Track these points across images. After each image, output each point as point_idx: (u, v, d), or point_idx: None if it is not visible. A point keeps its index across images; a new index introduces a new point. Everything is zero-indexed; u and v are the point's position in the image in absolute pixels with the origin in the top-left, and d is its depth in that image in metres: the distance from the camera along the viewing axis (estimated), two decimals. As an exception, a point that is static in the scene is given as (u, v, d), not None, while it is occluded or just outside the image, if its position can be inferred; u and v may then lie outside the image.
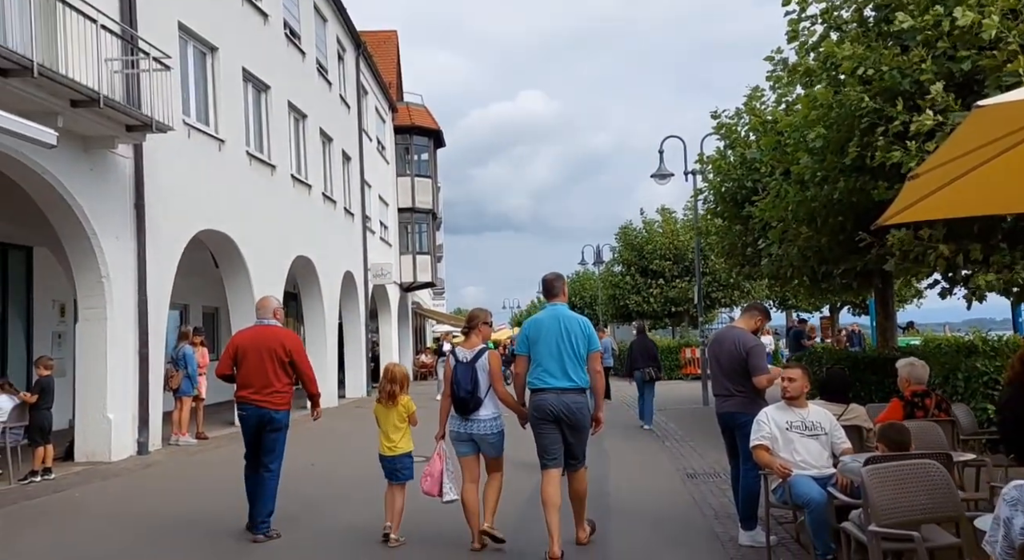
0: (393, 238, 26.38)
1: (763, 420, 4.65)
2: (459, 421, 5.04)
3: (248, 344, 5.61)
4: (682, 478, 7.98)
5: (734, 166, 13.24)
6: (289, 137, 15.32)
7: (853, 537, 3.60)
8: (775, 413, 4.69)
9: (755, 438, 4.62)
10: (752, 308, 5.45)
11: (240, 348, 5.60)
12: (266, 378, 5.51)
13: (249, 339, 5.66)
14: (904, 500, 3.06)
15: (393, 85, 27.96)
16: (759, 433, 4.61)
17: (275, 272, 14.13)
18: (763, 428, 4.62)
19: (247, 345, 5.61)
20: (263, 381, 5.50)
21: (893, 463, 3.22)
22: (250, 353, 5.55)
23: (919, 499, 3.06)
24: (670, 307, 32.20)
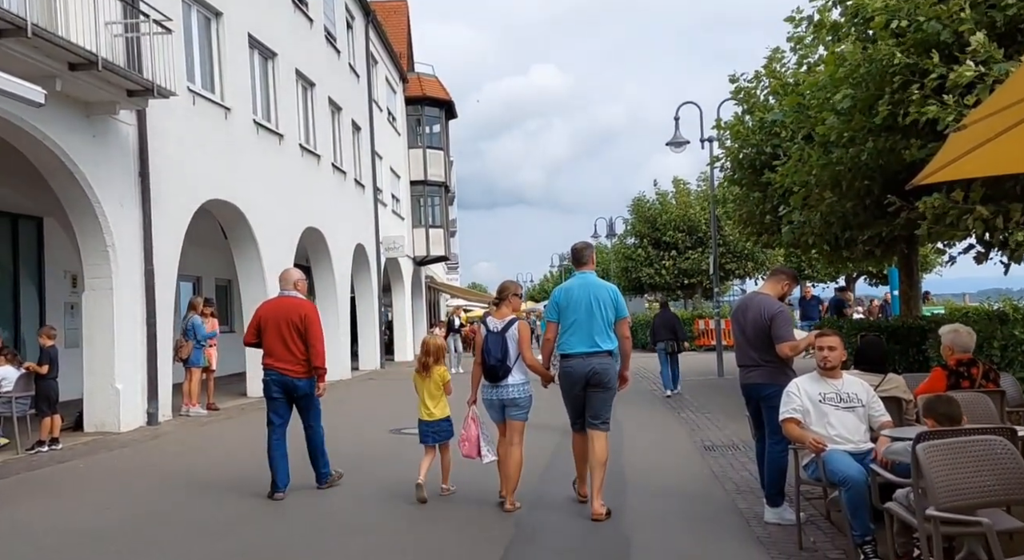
0: (405, 211, 25.98)
1: (794, 392, 4.27)
2: (490, 388, 5.16)
3: (269, 315, 5.81)
4: (700, 451, 7.65)
5: (753, 131, 12.67)
6: (297, 106, 14.89)
7: (898, 519, 3.24)
8: (807, 384, 4.30)
9: (785, 411, 4.25)
10: (779, 272, 5.04)
11: (263, 319, 5.83)
12: (286, 348, 5.69)
13: (271, 310, 5.86)
14: (966, 481, 2.69)
15: (403, 55, 27.32)
16: (789, 405, 4.24)
17: (284, 243, 13.82)
18: (794, 400, 4.24)
19: (268, 316, 5.81)
20: (283, 351, 5.69)
21: (951, 440, 2.83)
22: (271, 324, 5.75)
23: (983, 479, 2.69)
24: (683, 279, 31.72)
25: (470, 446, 5.32)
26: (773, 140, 12.36)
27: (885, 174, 8.79)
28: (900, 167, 8.43)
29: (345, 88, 18.27)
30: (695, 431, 8.91)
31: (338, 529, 5.01)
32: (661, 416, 10.26)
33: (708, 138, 15.67)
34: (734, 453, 7.40)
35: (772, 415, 4.74)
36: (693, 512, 5.25)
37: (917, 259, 12.43)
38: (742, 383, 4.99)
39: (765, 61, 12.95)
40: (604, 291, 5.05)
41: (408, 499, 5.63)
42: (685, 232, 31.39)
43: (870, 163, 8.43)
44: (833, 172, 9.03)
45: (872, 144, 7.90)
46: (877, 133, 8.01)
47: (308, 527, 5.05)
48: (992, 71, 6.34)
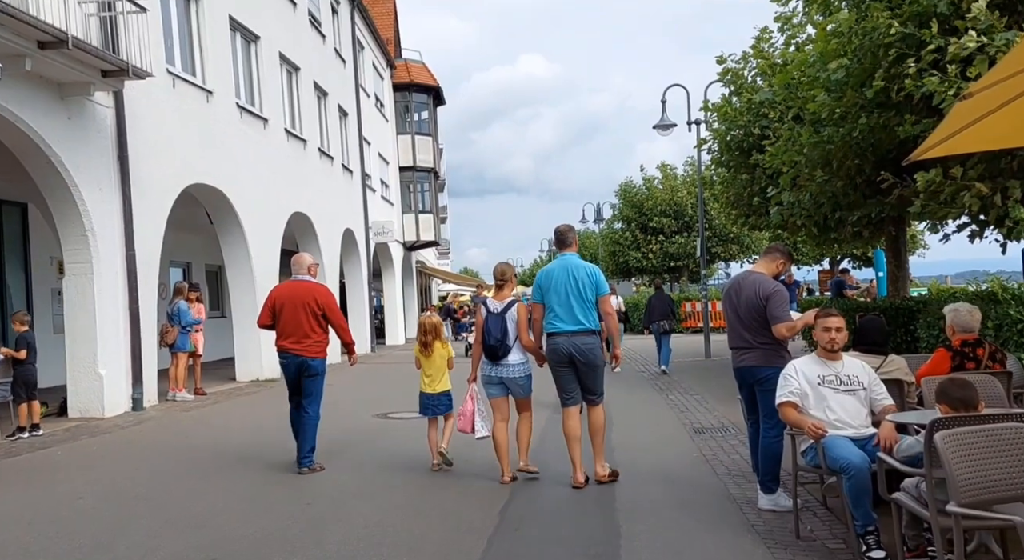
0: (395, 197, 25.52)
1: (791, 374, 3.98)
2: (490, 366, 5.25)
3: (285, 298, 5.88)
4: (689, 433, 7.39)
5: (740, 112, 12.35)
6: (281, 90, 14.40)
7: (907, 510, 2.96)
8: (806, 366, 4.01)
9: (782, 394, 3.97)
10: (773, 250, 4.73)
11: (277, 301, 5.89)
12: (301, 329, 5.78)
13: (286, 293, 5.93)
14: (990, 473, 2.41)
15: (391, 42, 26.70)
16: (787, 388, 3.95)
17: (271, 228, 13.41)
18: (791, 383, 3.95)
19: (284, 299, 5.88)
20: (299, 332, 5.78)
21: (972, 428, 2.54)
22: (287, 306, 5.82)
23: (1008, 471, 2.40)
24: (669, 262, 31.52)
25: (465, 420, 5.46)
26: (761, 121, 12.04)
27: (876, 152, 8.50)
28: (893, 144, 8.14)
29: (331, 73, 17.76)
30: (684, 413, 8.66)
31: (318, 518, 4.70)
32: (649, 398, 10.01)
33: (695, 120, 15.32)
34: (724, 435, 7.15)
35: (767, 399, 4.46)
36: (684, 498, 4.98)
37: (904, 240, 12.20)
38: (735, 366, 4.70)
39: (753, 41, 12.61)
40: (583, 271, 5.10)
41: (388, 486, 5.35)
42: (671, 216, 31.14)
43: (862, 141, 8.13)
44: (823, 151, 8.73)
45: (865, 120, 7.59)
46: (870, 109, 7.70)
47: (285, 517, 4.74)
48: (994, 41, 6.02)
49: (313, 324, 5.81)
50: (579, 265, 5.15)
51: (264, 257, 12.97)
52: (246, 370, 12.62)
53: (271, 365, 12.93)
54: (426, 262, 33.58)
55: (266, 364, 12.75)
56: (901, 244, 12.20)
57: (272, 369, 12.93)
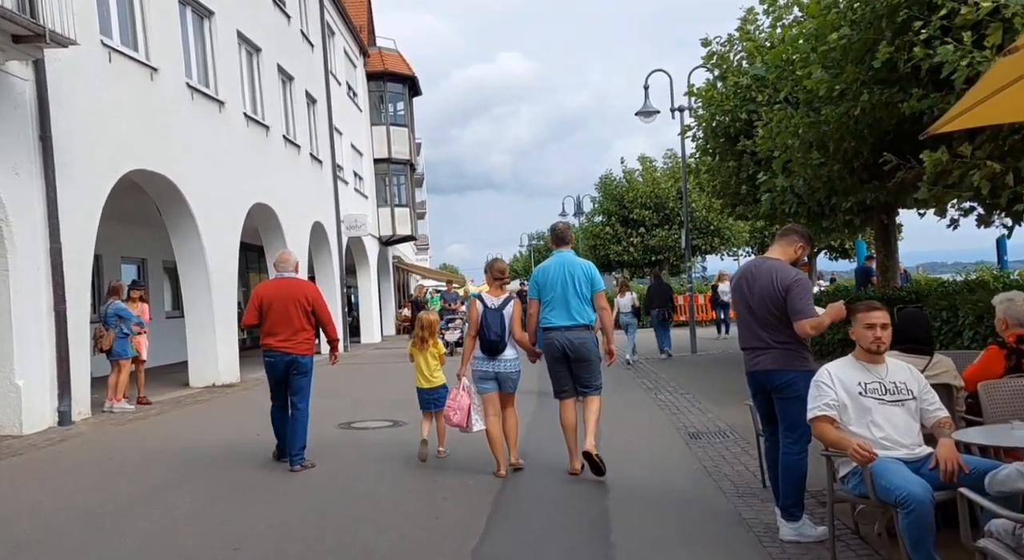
0: (369, 190, 24.45)
1: (826, 382, 3.13)
2: (486, 361, 5.24)
3: (273, 295, 5.78)
4: (684, 439, 6.54)
5: (727, 96, 11.55)
6: (240, 71, 13.31)
7: None
8: (842, 372, 3.16)
9: (815, 407, 3.12)
10: (790, 232, 3.87)
11: (265, 299, 5.77)
12: (292, 326, 5.72)
13: (273, 291, 5.83)
14: None
15: (364, 29, 25.59)
16: (821, 400, 3.10)
17: (228, 220, 12.35)
18: (826, 393, 3.10)
19: (272, 296, 5.78)
20: (289, 329, 5.70)
21: None
22: (275, 304, 5.73)
23: None
24: (650, 256, 30.79)
25: (461, 415, 5.41)
26: (748, 105, 11.25)
27: (875, 133, 7.71)
28: (896, 123, 7.36)
29: (297, 57, 16.67)
30: (676, 415, 7.82)
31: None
32: (637, 399, 9.16)
33: (678, 107, 14.51)
34: (723, 442, 6.31)
35: (788, 409, 3.60)
36: (690, 525, 4.11)
37: (895, 229, 11.50)
38: (748, 370, 3.83)
39: (739, 22, 11.82)
40: (579, 268, 5.17)
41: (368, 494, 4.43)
42: (652, 209, 30.41)
43: (862, 120, 7.34)
44: (818, 132, 7.93)
45: (867, 97, 6.78)
46: (871, 85, 6.90)
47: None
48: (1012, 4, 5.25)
49: (303, 321, 5.76)
50: (575, 262, 5.22)
51: (220, 251, 11.92)
52: (201, 375, 11.57)
53: (229, 369, 11.90)
54: (403, 257, 32.50)
55: (223, 368, 11.72)
56: (891, 232, 11.50)
57: (230, 373, 11.90)
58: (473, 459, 5.82)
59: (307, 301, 5.80)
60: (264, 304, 5.75)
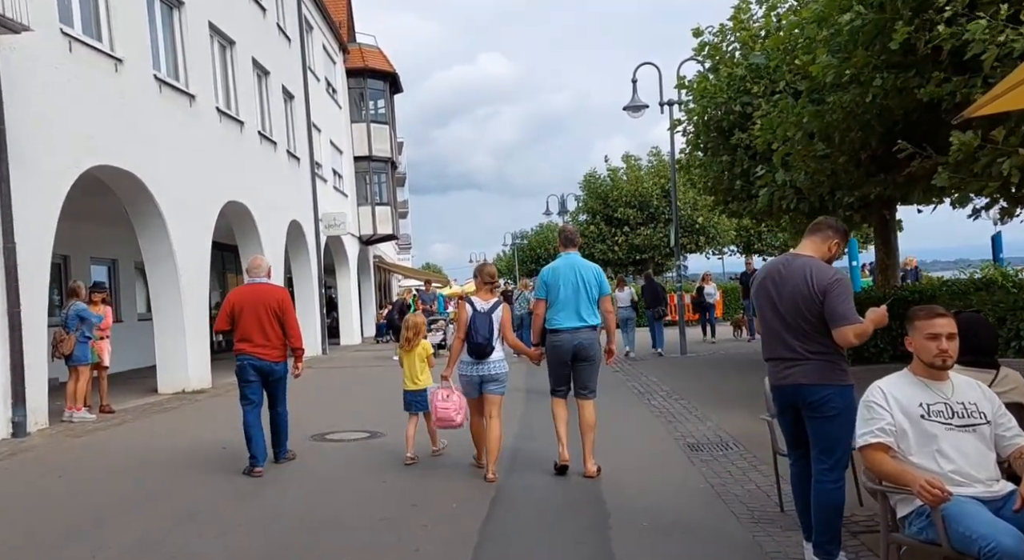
0: (349, 188, 23.79)
1: (878, 402, 2.68)
2: (473, 365, 5.22)
3: (245, 301, 5.76)
4: (684, 451, 6.10)
5: (720, 88, 11.15)
6: (213, 64, 12.66)
7: None
8: (898, 389, 2.71)
9: (867, 432, 2.67)
10: (824, 227, 3.42)
11: (236, 305, 5.76)
12: (263, 332, 5.70)
13: (245, 296, 5.81)
14: None
15: (344, 25, 24.91)
16: (874, 424, 2.65)
17: (200, 219, 11.71)
18: (881, 415, 2.65)
19: (244, 302, 5.76)
20: (260, 335, 5.68)
21: None
22: (246, 309, 5.71)
23: None
24: (635, 255, 30.52)
25: (462, 415, 5.38)
26: (743, 97, 10.85)
27: (883, 123, 7.33)
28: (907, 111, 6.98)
29: (273, 51, 16.02)
30: (672, 423, 7.38)
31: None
32: (630, 404, 8.71)
33: (668, 101, 14.10)
34: (727, 455, 5.87)
35: (822, 429, 3.16)
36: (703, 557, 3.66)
37: (895, 225, 11.17)
38: (775, 384, 3.38)
39: (733, 11, 11.42)
40: (589, 270, 5.22)
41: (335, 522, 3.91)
42: (637, 208, 30.15)
43: (871, 108, 6.94)
44: (822, 123, 7.52)
45: (880, 82, 6.37)
46: (884, 69, 6.50)
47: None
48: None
49: (275, 327, 5.73)
50: (585, 265, 5.26)
51: (191, 251, 11.29)
52: (170, 381, 10.94)
53: (199, 374, 11.27)
54: (384, 257, 31.84)
55: (194, 373, 11.09)
56: (891, 229, 11.17)
57: (201, 379, 11.28)
58: (457, 473, 5.42)
59: (277, 307, 5.77)
60: (235, 309, 5.74)
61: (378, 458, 6.17)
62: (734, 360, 12.71)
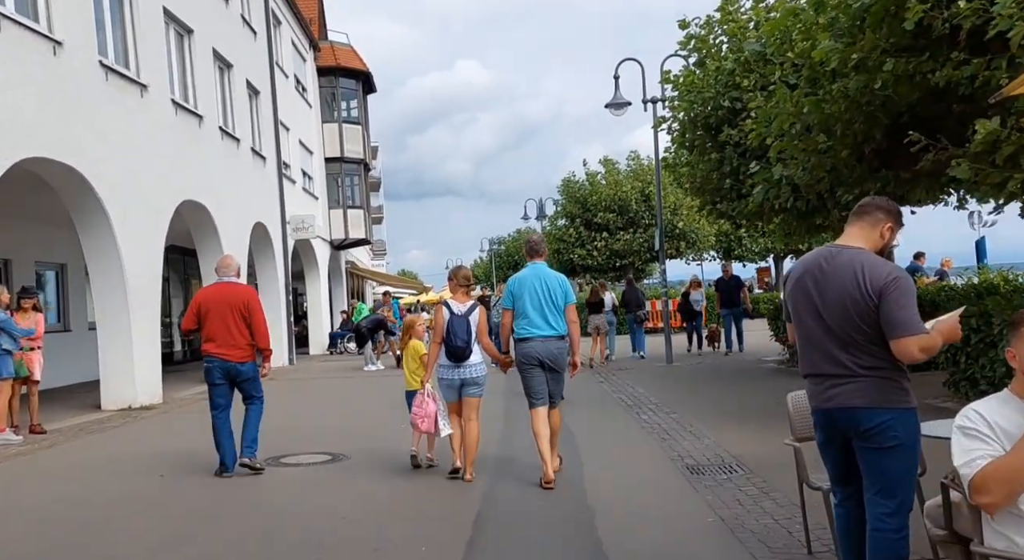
0: (320, 190, 22.95)
1: (979, 429, 2.06)
2: (452, 368, 5.25)
3: (212, 301, 5.71)
4: (684, 475, 5.47)
5: (708, 83, 10.63)
6: (168, 53, 11.83)
7: None
8: (999, 414, 2.10)
9: (970, 462, 2.04)
10: (872, 209, 2.78)
11: (203, 305, 5.72)
12: (229, 333, 5.64)
13: (213, 296, 5.77)
14: None
15: (315, 22, 24.11)
16: (976, 452, 2.03)
17: (151, 219, 10.86)
18: (984, 443, 2.04)
19: (211, 302, 5.71)
20: (226, 336, 5.63)
21: None
22: (213, 310, 5.66)
23: None
24: (615, 260, 29.99)
25: (429, 422, 5.33)
26: (732, 92, 10.33)
27: (889, 113, 6.81)
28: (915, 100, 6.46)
29: (237, 43, 15.19)
30: (667, 441, 6.74)
31: None
32: (618, 419, 8.07)
33: (651, 99, 13.58)
34: (733, 480, 5.24)
35: (882, 464, 2.53)
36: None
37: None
38: (818, 407, 2.73)
39: (720, 1, 10.92)
40: (554, 280, 5.30)
41: None
42: (616, 212, 29.64)
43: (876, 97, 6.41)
44: (822, 114, 6.98)
45: (892, 66, 5.83)
46: (894, 52, 5.96)
47: None
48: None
49: (241, 327, 5.67)
50: (550, 274, 5.34)
51: (140, 254, 10.42)
52: (115, 396, 10.04)
53: (148, 388, 10.39)
54: (357, 262, 30.94)
55: (142, 387, 10.19)
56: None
57: (150, 393, 10.39)
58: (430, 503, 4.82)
59: (244, 307, 5.69)
60: (202, 309, 5.68)
61: (338, 487, 5.44)
62: (722, 370, 12.15)
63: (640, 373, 12.27)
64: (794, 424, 3.62)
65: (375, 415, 8.78)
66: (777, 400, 8.48)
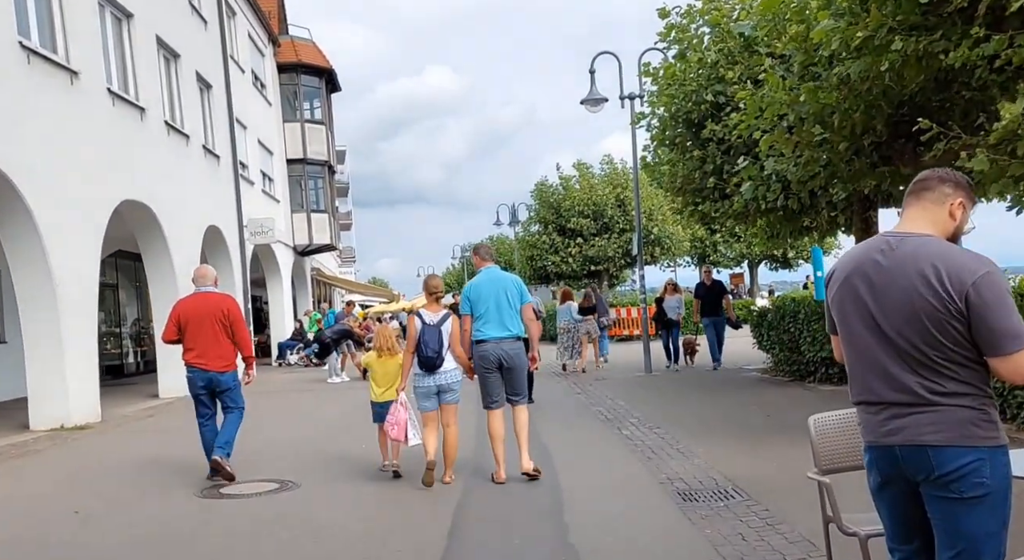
0: (282, 193, 22.04)
1: None
2: (426, 377, 5.33)
3: (191, 311, 5.78)
4: (675, 502, 4.88)
5: (690, 76, 10.14)
6: (103, 38, 10.95)
7: None
8: None
9: None
10: (934, 182, 2.14)
11: (183, 315, 5.79)
12: (208, 343, 5.69)
13: (192, 306, 5.84)
14: None
15: (274, 16, 23.23)
16: None
17: (86, 221, 9.97)
18: None
19: (190, 312, 5.78)
20: (206, 346, 5.68)
21: None
22: (193, 319, 5.73)
23: None
24: (589, 266, 29.54)
25: (399, 430, 5.41)
26: (715, 85, 9.86)
27: (891, 100, 6.34)
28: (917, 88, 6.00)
29: (184, 32, 14.32)
30: (652, 460, 6.15)
31: None
32: (599, 435, 7.46)
33: (629, 95, 13.08)
34: (729, 506, 4.66)
35: (962, 519, 1.95)
36: None
37: (877, 231, 10.31)
38: (876, 442, 2.10)
39: (702, -10, 10.44)
40: (509, 282, 5.50)
41: None
42: (590, 217, 29.23)
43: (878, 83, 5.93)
44: (817, 105, 6.49)
45: (902, 44, 5.33)
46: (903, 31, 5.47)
47: None
48: None
49: (222, 337, 5.73)
50: (505, 277, 5.58)
51: (73, 257, 9.53)
52: (45, 415, 9.11)
53: (84, 406, 9.47)
54: (324, 269, 29.97)
55: (76, 405, 9.27)
56: (874, 232, 10.31)
57: (86, 413, 9.48)
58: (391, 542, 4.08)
59: (225, 316, 5.75)
60: (183, 320, 5.76)
61: (287, 523, 4.71)
62: (703, 380, 11.60)
63: (617, 383, 11.70)
64: (818, 453, 3.05)
65: (334, 432, 8.07)
66: (766, 413, 8.10)
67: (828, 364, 9.06)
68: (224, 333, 5.74)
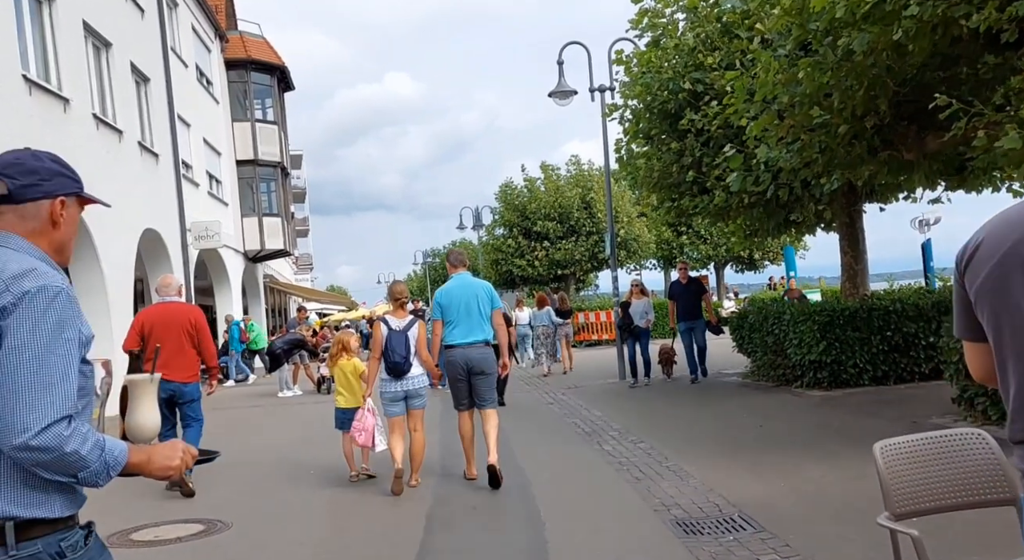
0: (231, 196, 20.88)
1: None
2: (394, 383, 5.37)
3: (156, 320, 5.74)
4: (675, 534, 4.21)
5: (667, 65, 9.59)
6: (19, 21, 9.88)
7: None
8: None
9: None
10: None
11: (146, 324, 5.73)
12: (172, 353, 5.54)
13: (156, 316, 5.80)
14: None
15: (221, 10, 22.11)
16: None
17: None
18: None
19: (155, 321, 5.73)
20: (170, 356, 5.50)
21: None
22: (156, 329, 5.66)
23: None
24: (556, 270, 28.97)
25: (366, 436, 5.47)
26: (693, 73, 9.31)
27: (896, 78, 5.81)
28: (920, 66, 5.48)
29: (117, 19, 13.23)
30: (642, 482, 5.47)
31: None
32: (579, 453, 6.73)
33: (599, 87, 12.49)
34: (740, 540, 4.01)
35: None
36: None
37: (862, 226, 9.89)
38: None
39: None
40: (479, 288, 5.60)
41: None
42: (556, 220, 28.67)
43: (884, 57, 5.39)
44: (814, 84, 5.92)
45: (915, 11, 4.78)
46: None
47: None
48: None
49: (187, 347, 5.67)
50: (475, 283, 5.66)
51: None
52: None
53: None
54: (278, 276, 28.73)
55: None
56: (858, 231, 9.88)
57: None
58: None
59: (191, 326, 5.73)
60: (146, 329, 5.69)
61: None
62: (681, 388, 10.97)
63: (590, 391, 11.04)
64: (889, 493, 2.36)
65: (281, 456, 7.16)
66: (757, 423, 7.50)
67: (816, 368, 8.52)
68: (190, 343, 5.71)
